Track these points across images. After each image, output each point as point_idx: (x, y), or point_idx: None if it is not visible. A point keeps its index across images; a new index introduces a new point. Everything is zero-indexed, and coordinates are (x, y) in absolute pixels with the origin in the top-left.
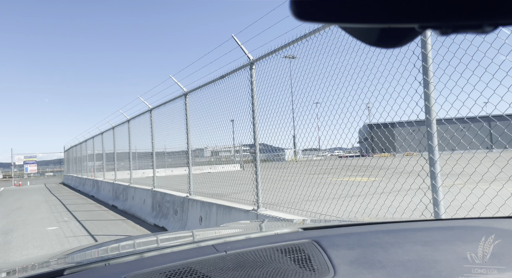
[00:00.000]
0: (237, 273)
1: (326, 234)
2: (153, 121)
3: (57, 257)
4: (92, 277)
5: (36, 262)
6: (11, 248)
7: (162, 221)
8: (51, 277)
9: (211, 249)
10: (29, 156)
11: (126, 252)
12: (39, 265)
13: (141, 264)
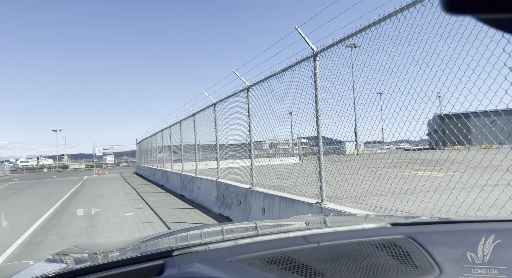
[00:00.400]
0: (335, 265)
1: (420, 231)
2: (216, 115)
3: (148, 240)
4: (199, 259)
5: (132, 244)
6: (97, 231)
7: (227, 211)
8: (161, 257)
9: (302, 240)
10: (107, 148)
11: (221, 238)
12: (136, 247)
13: (239, 250)
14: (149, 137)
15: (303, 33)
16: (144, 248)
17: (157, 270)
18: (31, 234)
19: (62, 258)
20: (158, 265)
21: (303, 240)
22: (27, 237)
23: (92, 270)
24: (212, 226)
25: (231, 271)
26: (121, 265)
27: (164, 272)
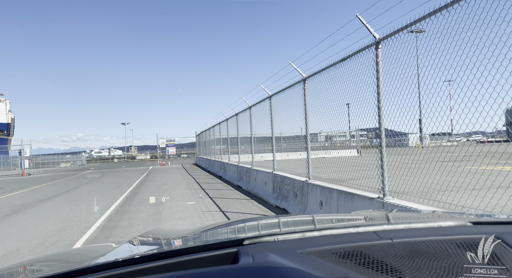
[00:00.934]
0: (413, 263)
1: (508, 230)
2: (272, 107)
3: (214, 229)
4: (270, 249)
5: (200, 232)
6: (162, 218)
7: (283, 203)
8: (233, 245)
9: (373, 236)
10: (169, 140)
11: (289, 230)
12: (205, 235)
13: (308, 243)
14: (207, 130)
15: (364, 21)
16: (214, 237)
17: (231, 258)
18: (106, 219)
19: (141, 242)
20: (232, 253)
21: (375, 235)
22: (103, 222)
23: (170, 254)
24: (274, 218)
25: (304, 263)
26: (196, 251)
27: (240, 260)
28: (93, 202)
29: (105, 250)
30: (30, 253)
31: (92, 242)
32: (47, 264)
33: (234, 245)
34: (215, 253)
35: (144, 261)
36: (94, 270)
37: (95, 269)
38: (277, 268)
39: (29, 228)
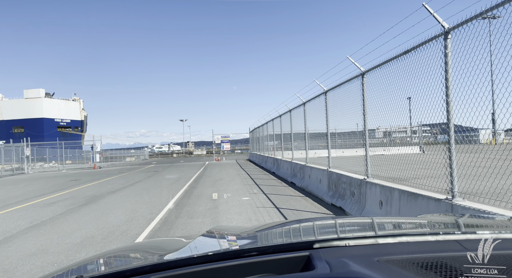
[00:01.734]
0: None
1: None
2: (327, 103)
3: (275, 227)
4: (344, 255)
5: (263, 230)
6: (219, 212)
7: (339, 202)
8: (303, 248)
9: (456, 246)
10: (224, 136)
11: (361, 235)
12: (270, 234)
13: (383, 250)
14: (260, 126)
15: (431, 10)
16: (281, 237)
17: (303, 262)
18: (168, 211)
19: (210, 239)
20: (303, 257)
21: (458, 246)
22: (165, 214)
23: (238, 254)
24: (338, 219)
25: (384, 273)
26: (267, 252)
27: (316, 267)
28: (155, 195)
29: (176, 244)
30: (102, 241)
31: (156, 233)
32: (130, 255)
33: (305, 248)
34: (287, 256)
35: (215, 260)
36: (175, 266)
37: (176, 264)
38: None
39: (101, 218)
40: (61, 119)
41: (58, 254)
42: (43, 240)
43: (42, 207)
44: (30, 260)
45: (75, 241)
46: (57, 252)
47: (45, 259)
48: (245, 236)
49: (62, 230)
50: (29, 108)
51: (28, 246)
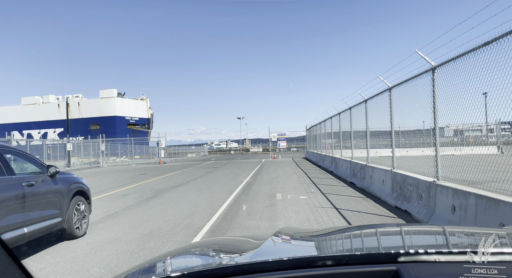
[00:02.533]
0: None
1: None
2: (392, 100)
3: (343, 231)
4: (434, 273)
5: (333, 236)
6: (276, 210)
7: (405, 204)
8: (386, 260)
9: None
10: (280, 134)
11: (450, 250)
12: (343, 241)
13: (478, 270)
14: (318, 124)
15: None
16: (354, 245)
17: (388, 277)
18: (227, 207)
19: (282, 242)
20: (390, 272)
21: None
22: (225, 209)
23: (312, 262)
24: (414, 226)
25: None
26: (349, 263)
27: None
28: (215, 190)
29: (249, 245)
30: (168, 233)
31: (217, 228)
32: (206, 253)
33: (389, 262)
34: (372, 269)
35: (292, 268)
36: (254, 271)
37: (255, 268)
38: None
39: (166, 210)
40: (130, 117)
41: (130, 243)
42: (117, 229)
43: (115, 199)
44: (106, 247)
45: (144, 231)
46: (129, 241)
47: (119, 247)
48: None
49: (132, 220)
50: (103, 107)
51: (104, 234)
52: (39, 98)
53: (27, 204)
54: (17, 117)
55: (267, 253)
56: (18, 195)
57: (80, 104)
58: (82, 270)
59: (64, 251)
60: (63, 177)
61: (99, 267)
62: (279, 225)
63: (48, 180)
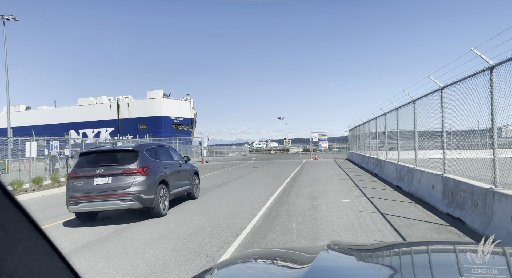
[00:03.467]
0: None
1: None
2: (443, 100)
3: (399, 246)
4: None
5: (392, 253)
6: (318, 213)
7: (457, 212)
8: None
9: None
10: (321, 134)
11: None
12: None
13: None
14: (361, 125)
15: None
16: (417, 267)
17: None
18: (268, 208)
19: (337, 256)
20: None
21: None
22: (265, 210)
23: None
24: (466, 245)
25: None
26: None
27: None
28: (256, 190)
29: (302, 258)
30: (211, 232)
31: (258, 229)
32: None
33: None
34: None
35: None
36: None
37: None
38: None
39: (209, 210)
40: (175, 117)
41: (175, 241)
42: (163, 227)
43: None
44: (154, 244)
45: (189, 230)
46: (174, 239)
47: (166, 245)
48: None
49: (177, 219)
50: (150, 107)
51: (152, 231)
52: (93, 99)
53: (180, 175)
54: (73, 117)
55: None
56: (176, 171)
57: (129, 105)
58: None
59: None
60: (189, 163)
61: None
62: (321, 229)
63: (184, 164)
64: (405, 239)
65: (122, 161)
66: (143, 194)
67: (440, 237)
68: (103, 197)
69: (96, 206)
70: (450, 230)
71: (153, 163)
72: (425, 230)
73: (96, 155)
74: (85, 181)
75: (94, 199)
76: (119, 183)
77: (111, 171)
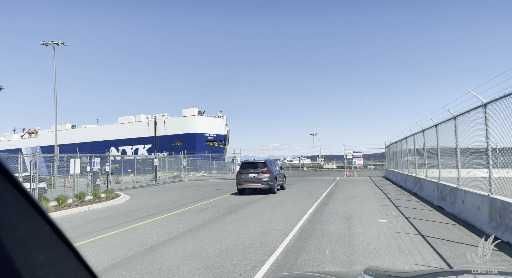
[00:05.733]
0: None
1: None
2: (487, 116)
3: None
4: None
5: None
6: (354, 233)
7: (506, 235)
8: None
9: None
10: (356, 151)
11: None
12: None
13: None
14: (398, 141)
15: None
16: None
17: None
18: (301, 227)
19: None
20: None
21: None
22: (299, 229)
23: None
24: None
25: None
26: None
27: None
28: (289, 208)
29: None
30: (244, 251)
31: (291, 249)
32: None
33: None
34: None
35: None
36: None
37: None
38: None
39: (242, 227)
40: (209, 134)
41: (208, 259)
42: (196, 244)
43: (195, 213)
44: (187, 261)
45: (222, 248)
46: (207, 257)
47: (199, 262)
48: None
49: (210, 236)
50: (185, 125)
51: (185, 248)
52: (132, 118)
53: (279, 175)
54: (114, 135)
55: None
56: (278, 174)
57: (165, 123)
58: None
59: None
60: (282, 170)
61: None
62: (357, 250)
63: (280, 170)
64: (449, 264)
65: (260, 166)
66: (270, 182)
67: (488, 263)
68: (253, 183)
69: (249, 186)
70: (499, 255)
71: (271, 168)
72: (471, 253)
73: (249, 163)
74: (245, 175)
75: (249, 183)
76: (259, 176)
77: (256, 170)
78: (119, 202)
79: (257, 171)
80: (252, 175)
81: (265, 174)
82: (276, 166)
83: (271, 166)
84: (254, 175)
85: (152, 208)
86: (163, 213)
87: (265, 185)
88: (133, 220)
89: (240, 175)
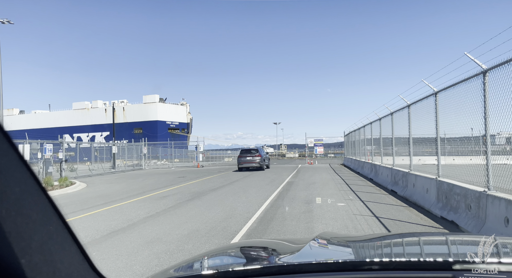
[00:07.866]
0: None
1: None
2: (437, 105)
3: (389, 238)
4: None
5: (378, 242)
6: (313, 216)
7: (451, 215)
8: (439, 268)
9: None
10: (317, 139)
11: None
12: (389, 246)
13: None
14: (357, 130)
15: None
16: (400, 250)
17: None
18: (263, 211)
19: (326, 245)
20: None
21: None
22: (261, 214)
23: (360, 266)
24: (466, 236)
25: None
26: (399, 268)
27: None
28: (251, 194)
29: (291, 248)
30: (206, 235)
31: (253, 232)
32: (250, 253)
33: (442, 269)
34: (423, 275)
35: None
36: (299, 271)
37: (300, 269)
38: None
39: (204, 213)
40: (171, 122)
41: (169, 243)
42: (157, 229)
43: (156, 200)
44: (148, 246)
45: (183, 233)
46: (169, 242)
47: (160, 247)
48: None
49: (172, 222)
50: (146, 112)
51: (146, 233)
52: (88, 103)
53: (266, 159)
54: (68, 121)
55: (309, 255)
56: (266, 157)
57: (124, 109)
58: None
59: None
60: (267, 155)
61: None
62: (316, 231)
63: (266, 155)
64: None
65: (253, 152)
66: (261, 162)
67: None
68: (249, 163)
69: (247, 165)
70: (443, 232)
71: (261, 153)
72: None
73: (246, 150)
74: (243, 158)
75: (246, 163)
76: (254, 159)
77: (251, 155)
78: (74, 190)
79: (252, 155)
80: (249, 158)
81: (257, 157)
82: (264, 152)
83: (261, 152)
84: (250, 158)
85: (110, 195)
86: (122, 200)
87: (257, 165)
88: (90, 208)
89: (240, 158)
